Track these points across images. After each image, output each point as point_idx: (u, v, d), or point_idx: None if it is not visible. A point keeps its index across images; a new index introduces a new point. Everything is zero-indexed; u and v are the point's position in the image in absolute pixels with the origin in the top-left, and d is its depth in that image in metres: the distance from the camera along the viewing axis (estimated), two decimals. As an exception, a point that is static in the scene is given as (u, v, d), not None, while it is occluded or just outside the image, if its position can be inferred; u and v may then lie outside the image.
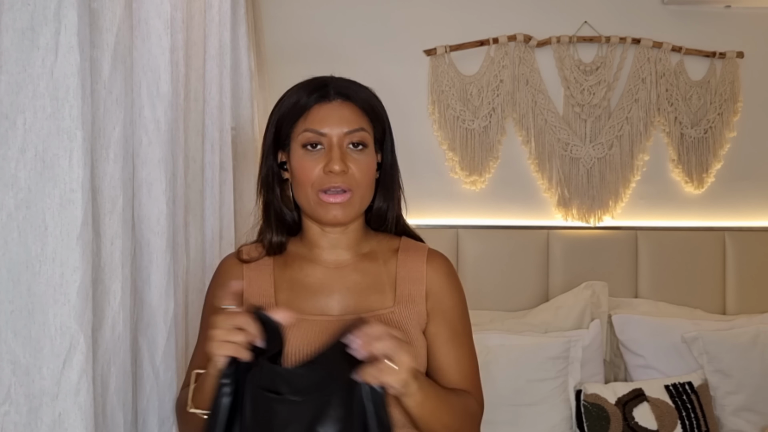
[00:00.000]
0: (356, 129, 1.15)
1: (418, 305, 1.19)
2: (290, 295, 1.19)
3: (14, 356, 0.91)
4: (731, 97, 2.79)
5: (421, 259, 1.23)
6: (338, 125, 1.14)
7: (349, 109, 1.16)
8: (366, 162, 1.16)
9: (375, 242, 1.26)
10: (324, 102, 1.16)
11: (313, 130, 1.14)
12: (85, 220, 0.93)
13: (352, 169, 1.14)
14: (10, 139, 0.91)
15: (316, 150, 1.14)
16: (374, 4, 2.73)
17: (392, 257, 1.24)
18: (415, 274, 1.21)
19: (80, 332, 0.92)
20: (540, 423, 2.26)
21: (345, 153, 1.14)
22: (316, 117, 1.15)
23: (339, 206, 1.14)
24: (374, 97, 1.22)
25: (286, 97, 1.19)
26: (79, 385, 0.92)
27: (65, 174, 0.92)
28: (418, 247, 1.26)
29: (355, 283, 1.20)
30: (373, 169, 1.19)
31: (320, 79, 1.19)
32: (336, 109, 1.15)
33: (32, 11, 0.91)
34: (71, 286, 0.92)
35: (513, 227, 2.72)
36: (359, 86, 1.20)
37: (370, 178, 1.18)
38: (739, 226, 2.77)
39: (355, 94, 1.18)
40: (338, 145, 1.14)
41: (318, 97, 1.16)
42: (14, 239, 0.91)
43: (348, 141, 1.15)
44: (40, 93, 0.92)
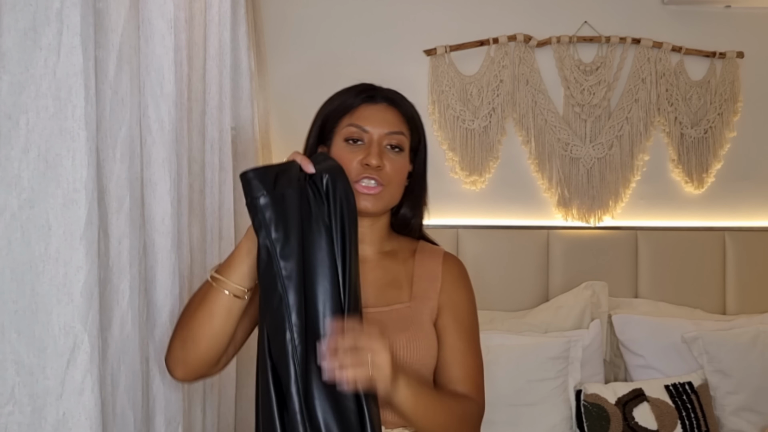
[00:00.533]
0: (396, 131, 1.25)
1: (432, 301, 1.28)
2: None
3: (18, 356, 0.91)
4: (731, 97, 2.79)
5: (438, 260, 1.32)
6: (380, 125, 1.24)
7: (392, 113, 1.27)
8: (400, 163, 1.26)
9: (396, 243, 1.35)
10: (370, 103, 1.27)
11: (357, 125, 1.24)
12: (89, 220, 0.93)
13: (387, 167, 1.23)
14: (13, 139, 0.90)
15: (356, 145, 1.24)
16: (374, 4, 2.73)
17: (410, 257, 1.33)
18: (431, 273, 1.30)
19: (84, 332, 0.92)
20: (540, 423, 2.26)
21: (383, 151, 1.23)
22: (361, 115, 1.25)
23: (371, 197, 1.22)
24: (415, 110, 1.32)
25: (334, 97, 1.29)
26: (83, 385, 0.92)
27: (68, 174, 0.92)
28: (435, 249, 1.36)
29: (376, 278, 1.28)
30: (405, 172, 1.29)
31: (368, 84, 1.30)
32: (381, 111, 1.26)
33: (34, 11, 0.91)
34: (75, 285, 0.92)
35: (513, 227, 2.72)
36: (403, 97, 1.31)
37: (401, 179, 1.27)
38: (739, 226, 2.78)
39: (400, 102, 1.29)
40: (377, 143, 1.23)
41: (365, 98, 1.27)
42: (18, 239, 0.90)
43: (387, 142, 1.24)
44: (42, 93, 0.92)
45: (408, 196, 1.33)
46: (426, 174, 1.35)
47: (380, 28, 2.72)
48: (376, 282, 1.27)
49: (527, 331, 2.45)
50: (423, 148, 1.33)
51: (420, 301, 1.27)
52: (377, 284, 1.27)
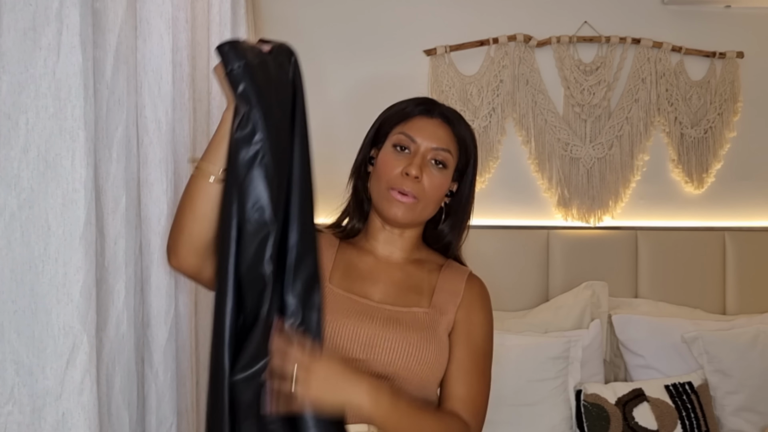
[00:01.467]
0: (443, 148, 1.27)
1: (449, 315, 1.29)
2: (343, 274, 1.29)
3: (18, 356, 0.91)
4: (731, 97, 2.79)
5: (462, 278, 1.34)
6: (429, 139, 1.26)
7: (444, 130, 1.29)
8: (440, 179, 1.27)
9: (425, 254, 1.37)
10: (426, 116, 1.29)
11: (407, 134, 1.27)
12: (88, 220, 0.93)
13: (425, 180, 1.25)
14: (13, 139, 0.90)
15: (402, 153, 1.27)
16: (374, 4, 2.73)
17: (436, 270, 1.34)
18: (453, 288, 1.31)
19: (83, 332, 0.92)
20: (540, 423, 2.26)
21: (426, 164, 1.26)
22: (414, 125, 1.28)
23: (402, 206, 1.25)
24: (471, 133, 1.33)
25: (396, 104, 1.33)
26: (82, 385, 0.92)
27: (68, 174, 0.92)
28: (461, 268, 1.37)
29: (399, 279, 1.30)
30: (444, 190, 1.30)
31: (430, 99, 1.34)
32: (433, 125, 1.28)
33: (34, 11, 0.91)
34: (74, 285, 0.92)
35: (513, 227, 2.72)
36: (461, 118, 1.33)
37: (439, 196, 1.29)
38: (739, 226, 2.78)
39: (456, 121, 1.31)
40: (422, 156, 1.25)
41: (423, 110, 1.30)
42: (17, 239, 0.91)
43: (432, 156, 1.26)
44: (42, 93, 0.92)
45: (450, 214, 1.35)
46: (472, 197, 1.36)
47: (380, 29, 2.72)
48: (399, 283, 1.29)
49: (527, 331, 2.45)
50: (471, 170, 1.34)
51: (438, 312, 1.27)
52: (399, 285, 1.29)
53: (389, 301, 1.26)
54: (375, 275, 1.30)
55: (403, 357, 1.19)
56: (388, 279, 1.29)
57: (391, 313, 1.24)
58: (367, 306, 1.24)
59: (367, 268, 1.31)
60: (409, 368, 1.19)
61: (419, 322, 1.24)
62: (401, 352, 1.19)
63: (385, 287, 1.29)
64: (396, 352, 1.19)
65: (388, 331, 1.21)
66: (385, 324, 1.22)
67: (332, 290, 1.24)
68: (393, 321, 1.22)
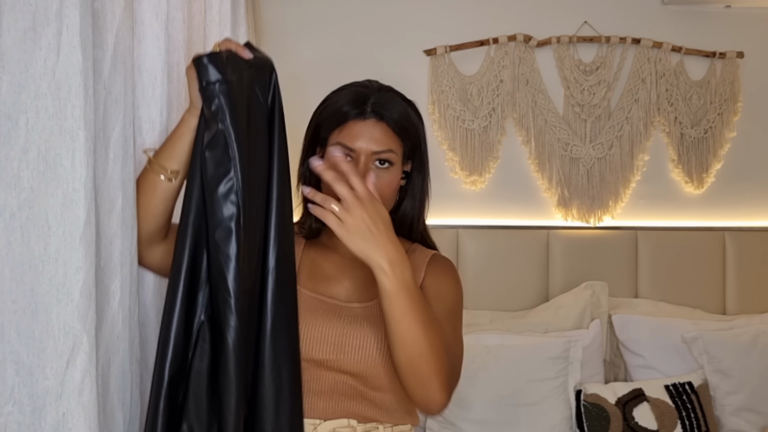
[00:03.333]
0: (384, 150, 1.24)
1: None
2: (308, 275, 1.29)
3: (17, 356, 0.91)
4: (731, 97, 2.79)
5: (424, 259, 1.32)
6: (368, 144, 1.23)
7: (380, 130, 1.24)
8: (388, 179, 1.25)
9: None
10: (359, 119, 1.24)
11: (344, 144, 1.23)
12: (88, 220, 0.93)
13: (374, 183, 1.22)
14: (13, 139, 0.90)
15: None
16: (374, 5, 2.73)
17: None
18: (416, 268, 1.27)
19: (83, 332, 0.92)
20: (540, 423, 2.26)
21: (369, 169, 1.22)
22: (349, 133, 1.23)
23: None
24: (411, 113, 1.29)
25: (329, 102, 1.28)
26: (82, 385, 0.92)
27: (68, 174, 0.92)
28: (425, 250, 1.35)
29: (363, 274, 1.26)
30: (394, 185, 1.27)
31: (362, 93, 1.26)
32: (369, 128, 1.24)
33: (34, 11, 0.91)
34: (74, 285, 0.91)
35: (513, 227, 2.72)
36: (397, 103, 1.27)
37: (391, 190, 1.26)
38: (739, 226, 2.78)
39: (390, 114, 1.25)
40: (364, 163, 1.22)
41: (356, 113, 1.24)
42: (17, 239, 0.90)
43: (375, 159, 1.23)
44: (42, 93, 0.92)
45: (407, 197, 1.32)
46: (426, 172, 1.33)
47: (380, 28, 2.73)
48: (364, 278, 1.27)
49: (527, 331, 2.45)
50: (420, 150, 1.31)
51: None
52: (364, 281, 1.27)
53: (355, 298, 1.26)
54: (340, 274, 1.29)
55: (373, 354, 1.19)
56: (353, 276, 1.28)
57: (358, 311, 1.24)
58: (334, 306, 1.24)
59: (331, 267, 1.30)
60: (381, 364, 1.19)
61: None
62: (371, 349, 1.19)
63: (350, 285, 1.28)
64: (366, 349, 1.19)
65: (356, 329, 1.21)
66: (353, 322, 1.22)
67: (299, 291, 1.21)
68: (360, 318, 1.22)
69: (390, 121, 1.25)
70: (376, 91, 1.27)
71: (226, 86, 1.00)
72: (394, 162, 1.25)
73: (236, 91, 1.01)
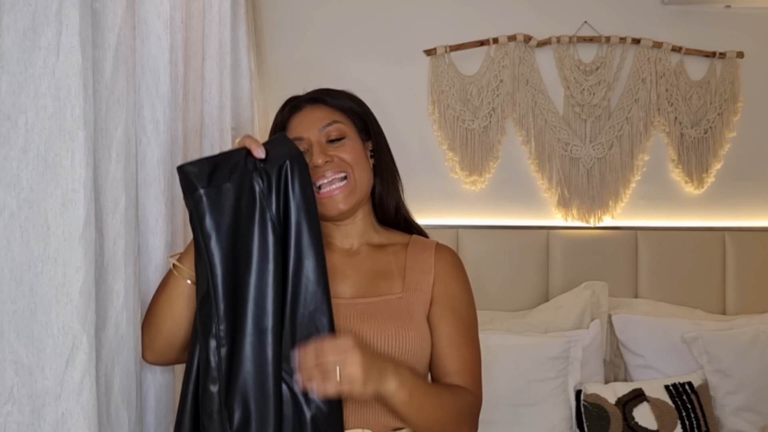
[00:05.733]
0: (328, 123, 1.25)
1: (424, 293, 1.26)
2: None
3: (17, 356, 0.91)
4: (731, 97, 2.79)
5: (430, 252, 1.30)
6: (311, 125, 1.24)
7: (320, 110, 1.27)
8: (349, 147, 1.25)
9: (386, 237, 1.34)
10: (297, 112, 1.28)
11: (293, 137, 1.22)
12: (88, 220, 0.93)
13: (338, 157, 1.23)
14: (12, 139, 0.90)
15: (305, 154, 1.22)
16: (374, 5, 2.73)
17: (402, 250, 1.31)
18: (424, 265, 1.28)
19: (83, 332, 0.92)
20: (540, 423, 2.26)
21: (324, 147, 1.23)
22: (293, 126, 1.27)
23: (341, 196, 1.22)
24: (347, 95, 1.31)
25: (272, 124, 1.32)
26: (81, 385, 0.92)
27: (67, 174, 0.92)
28: (427, 242, 1.34)
29: (367, 269, 1.27)
30: (360, 151, 1.26)
31: (292, 97, 1.32)
32: (308, 113, 1.27)
33: (34, 11, 0.91)
34: (74, 286, 0.92)
35: (513, 227, 2.72)
36: (329, 90, 1.31)
37: (360, 159, 1.26)
38: (739, 226, 2.78)
39: (324, 96, 1.29)
40: (317, 143, 1.23)
41: (291, 109, 1.29)
42: (17, 239, 0.90)
43: (325, 138, 1.24)
44: (41, 93, 0.92)
45: (377, 175, 1.31)
46: (386, 146, 1.33)
47: (380, 28, 2.72)
48: (367, 272, 1.26)
49: (527, 331, 2.45)
50: (373, 124, 1.32)
51: (412, 293, 1.25)
52: (368, 275, 1.26)
53: (360, 294, 1.24)
54: (341, 271, 1.27)
55: (384, 351, 1.17)
56: (355, 272, 1.27)
57: (364, 307, 1.21)
58: (338, 306, 1.20)
59: (331, 266, 1.25)
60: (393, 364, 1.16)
61: (394, 311, 1.21)
62: (381, 347, 1.17)
63: (354, 281, 1.26)
64: (376, 347, 1.17)
65: (364, 327, 1.18)
66: (360, 320, 1.19)
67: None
68: (367, 315, 1.20)
69: (327, 100, 1.28)
70: (307, 93, 1.32)
71: (204, 194, 1.02)
72: (346, 134, 1.25)
73: (222, 197, 1.02)
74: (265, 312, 1.02)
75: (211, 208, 1.01)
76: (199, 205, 1.01)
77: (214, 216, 1.02)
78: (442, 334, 1.23)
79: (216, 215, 1.02)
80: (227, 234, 1.02)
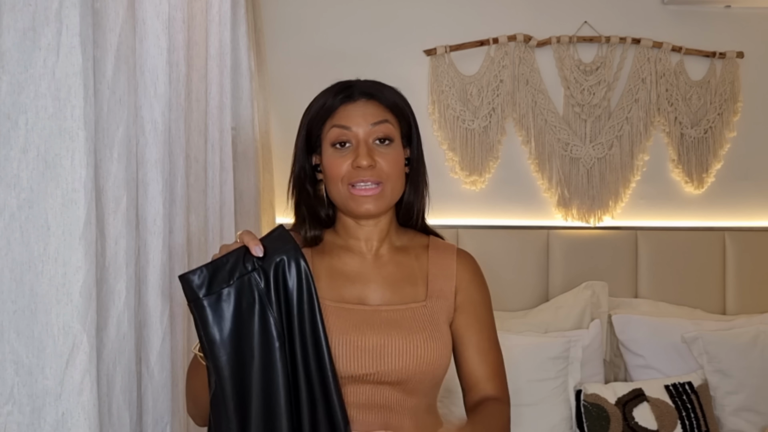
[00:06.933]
0: (380, 121, 1.21)
1: (447, 300, 1.26)
2: (329, 282, 1.23)
3: (17, 356, 0.91)
4: (731, 97, 2.79)
5: (452, 257, 1.30)
6: (363, 120, 1.20)
7: (373, 106, 1.22)
8: (393, 155, 1.22)
9: (406, 238, 1.32)
10: (349, 102, 1.22)
11: (340, 125, 1.20)
12: (88, 220, 0.93)
13: (380, 163, 1.20)
14: (12, 139, 0.91)
15: (344, 148, 1.20)
16: (374, 4, 2.73)
17: (423, 253, 1.30)
18: (446, 271, 1.28)
19: (83, 332, 0.92)
20: (540, 423, 2.26)
21: (371, 148, 1.20)
22: (342, 115, 1.21)
23: (371, 198, 1.20)
24: (398, 94, 1.27)
25: (314, 102, 1.25)
26: (82, 385, 0.92)
27: (67, 174, 0.92)
28: (447, 245, 1.33)
29: (390, 273, 1.25)
30: (401, 162, 1.24)
31: (345, 82, 1.25)
32: (361, 107, 1.22)
33: (34, 11, 0.91)
34: (74, 286, 0.92)
35: (513, 227, 2.72)
36: (383, 86, 1.26)
37: (399, 170, 1.23)
38: (739, 226, 2.78)
39: (379, 93, 1.24)
40: (364, 141, 1.20)
41: (343, 98, 1.22)
42: (17, 239, 0.91)
43: (374, 137, 1.21)
44: (41, 93, 0.92)
45: (409, 183, 1.28)
46: (422, 157, 1.31)
47: (380, 28, 2.72)
48: (392, 278, 1.25)
49: (527, 331, 2.45)
50: (415, 131, 1.29)
51: (436, 301, 1.24)
52: (392, 280, 1.25)
53: (386, 300, 1.22)
54: (365, 275, 1.24)
55: (412, 361, 1.16)
56: (379, 276, 1.25)
57: (390, 314, 1.20)
58: (364, 313, 1.19)
59: (354, 269, 1.25)
60: (420, 371, 1.17)
61: (420, 320, 1.21)
62: (410, 357, 1.16)
63: (378, 287, 1.24)
64: (404, 358, 1.16)
65: (392, 336, 1.17)
66: (388, 329, 1.17)
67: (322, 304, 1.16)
68: (394, 324, 1.18)
69: (381, 99, 1.24)
70: (359, 81, 1.26)
71: (206, 301, 1.04)
72: (393, 138, 1.22)
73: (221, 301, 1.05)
74: (273, 412, 1.05)
75: (212, 315, 1.04)
76: (200, 312, 1.04)
77: (216, 321, 1.04)
78: (470, 343, 1.25)
79: (218, 320, 1.04)
80: (230, 337, 1.05)
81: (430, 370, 1.18)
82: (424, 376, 1.18)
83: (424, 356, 1.17)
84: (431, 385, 1.21)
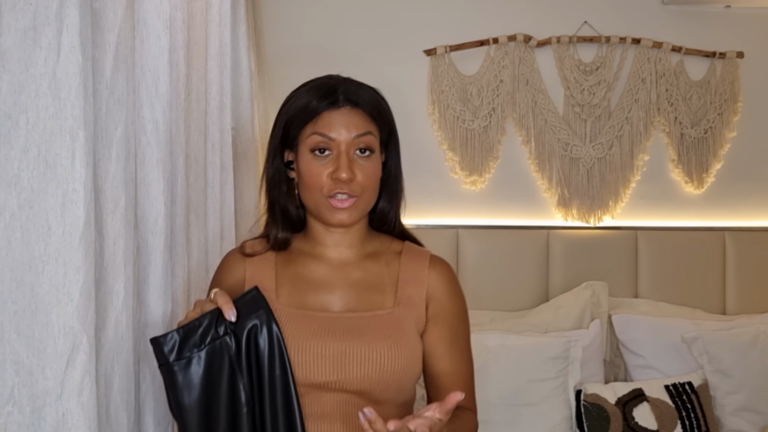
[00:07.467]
0: (363, 133, 1.18)
1: (417, 308, 1.22)
2: (292, 289, 1.21)
3: (17, 356, 0.91)
4: (731, 97, 2.79)
5: (424, 264, 1.26)
6: (346, 131, 1.17)
7: (357, 116, 1.19)
8: (372, 168, 1.19)
9: (378, 243, 1.28)
10: (333, 108, 1.18)
11: (322, 133, 1.17)
12: (88, 220, 0.93)
13: (359, 176, 1.17)
14: (13, 139, 0.90)
15: (324, 156, 1.17)
16: (374, 4, 2.73)
17: (395, 259, 1.26)
18: (417, 278, 1.24)
19: (83, 332, 0.92)
20: (540, 423, 2.26)
21: (352, 160, 1.17)
22: (325, 122, 1.17)
23: (345, 211, 1.17)
24: (381, 99, 1.25)
25: (295, 98, 1.21)
26: (82, 385, 0.92)
27: (68, 174, 0.92)
28: (421, 251, 1.29)
29: (357, 280, 1.22)
30: (379, 173, 1.22)
31: (329, 84, 1.21)
32: (344, 115, 1.18)
33: (34, 11, 0.91)
34: (74, 286, 0.92)
35: (513, 227, 2.72)
36: (366, 89, 1.23)
37: (375, 183, 1.21)
38: (739, 226, 2.78)
39: (363, 100, 1.21)
40: (346, 152, 1.17)
41: (328, 103, 1.18)
42: (17, 239, 0.90)
43: (355, 147, 1.18)
44: (42, 93, 0.92)
45: (384, 189, 1.25)
46: (400, 163, 1.28)
47: (380, 28, 2.72)
48: (358, 285, 1.22)
49: (527, 331, 2.45)
50: (394, 138, 1.26)
51: (404, 308, 1.21)
52: (359, 287, 1.21)
53: (350, 307, 1.19)
54: (330, 282, 1.22)
55: (375, 370, 1.13)
56: (344, 284, 1.22)
57: (353, 321, 1.17)
58: (326, 319, 1.17)
59: (320, 276, 1.22)
60: (383, 379, 1.14)
61: (385, 326, 1.18)
62: (372, 365, 1.13)
63: (343, 293, 1.21)
64: (367, 366, 1.13)
65: (354, 344, 1.14)
66: (350, 336, 1.15)
67: (284, 311, 1.16)
68: (357, 331, 1.15)
69: (365, 106, 1.20)
70: (343, 82, 1.22)
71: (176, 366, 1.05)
72: (374, 149, 1.20)
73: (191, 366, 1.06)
74: None
75: (182, 379, 1.05)
76: (170, 376, 1.04)
77: (185, 386, 1.05)
78: (442, 357, 1.22)
79: (186, 385, 1.05)
80: (198, 402, 1.05)
81: (395, 379, 1.15)
82: (388, 384, 1.15)
83: (387, 364, 1.13)
84: (397, 393, 1.18)
